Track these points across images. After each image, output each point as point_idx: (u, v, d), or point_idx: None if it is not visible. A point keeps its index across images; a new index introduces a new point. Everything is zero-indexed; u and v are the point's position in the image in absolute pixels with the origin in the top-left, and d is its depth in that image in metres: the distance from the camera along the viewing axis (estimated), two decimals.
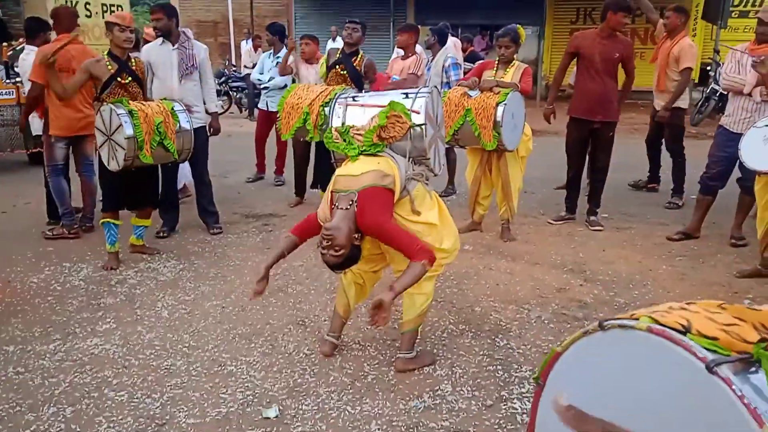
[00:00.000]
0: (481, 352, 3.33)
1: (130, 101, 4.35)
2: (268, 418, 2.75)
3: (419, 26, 7.26)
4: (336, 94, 4.74)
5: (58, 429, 2.69)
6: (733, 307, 1.29)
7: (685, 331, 1.13)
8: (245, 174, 7.57)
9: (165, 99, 4.67)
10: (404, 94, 3.27)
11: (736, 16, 13.64)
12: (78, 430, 2.68)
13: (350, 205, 2.75)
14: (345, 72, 5.53)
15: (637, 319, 1.15)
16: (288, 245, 3.00)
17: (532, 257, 4.74)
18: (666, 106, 5.94)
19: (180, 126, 4.56)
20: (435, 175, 3.34)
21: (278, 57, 7.06)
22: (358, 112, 3.29)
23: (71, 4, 11.54)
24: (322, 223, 2.86)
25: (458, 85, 5.07)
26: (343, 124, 3.24)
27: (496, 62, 5.03)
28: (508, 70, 4.93)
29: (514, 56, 4.97)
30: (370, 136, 2.99)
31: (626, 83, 5.32)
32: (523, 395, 2.92)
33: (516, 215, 5.28)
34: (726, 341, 1.13)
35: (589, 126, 5.26)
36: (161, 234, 5.27)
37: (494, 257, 4.75)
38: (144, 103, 4.45)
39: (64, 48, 4.93)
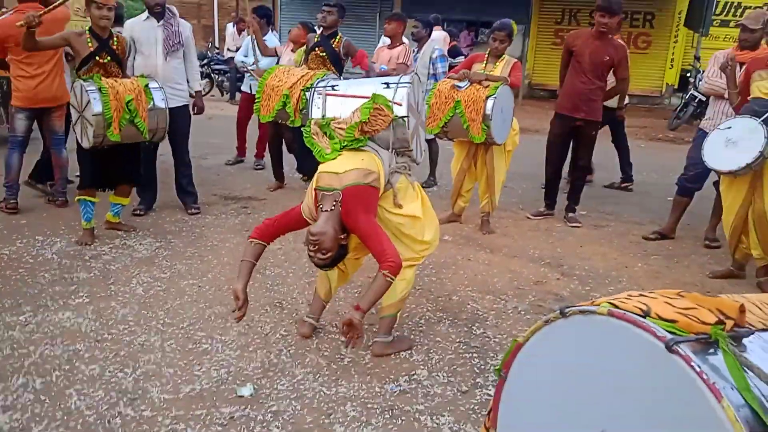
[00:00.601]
0: (458, 340, 3.34)
1: (103, 78, 4.24)
2: (243, 396, 2.73)
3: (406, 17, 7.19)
4: (317, 79, 4.71)
5: (27, 400, 2.64)
6: (690, 294, 1.32)
7: (645, 315, 1.15)
8: (225, 157, 7.49)
9: (142, 76, 4.56)
10: (385, 84, 3.20)
11: (717, 24, 13.84)
12: (47, 401, 2.63)
13: (334, 205, 2.73)
14: (324, 54, 5.49)
15: (597, 305, 1.17)
16: (256, 253, 2.88)
17: (511, 250, 4.78)
18: (619, 105, 5.93)
19: (154, 104, 4.41)
20: (416, 164, 3.32)
21: (264, 41, 6.97)
22: (337, 102, 3.23)
23: None
24: (307, 220, 2.85)
25: (448, 78, 5.06)
26: (323, 116, 3.19)
27: (486, 55, 5.04)
28: (497, 64, 4.96)
29: (503, 50, 4.99)
30: (352, 132, 2.94)
31: (614, 87, 5.35)
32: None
33: (496, 209, 5.31)
34: (684, 324, 1.15)
35: (572, 123, 5.29)
36: (138, 212, 5.19)
37: (473, 248, 4.77)
38: (116, 80, 4.32)
39: (17, 20, 4.82)
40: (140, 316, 3.43)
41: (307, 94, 4.62)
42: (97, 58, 4.28)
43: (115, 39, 4.40)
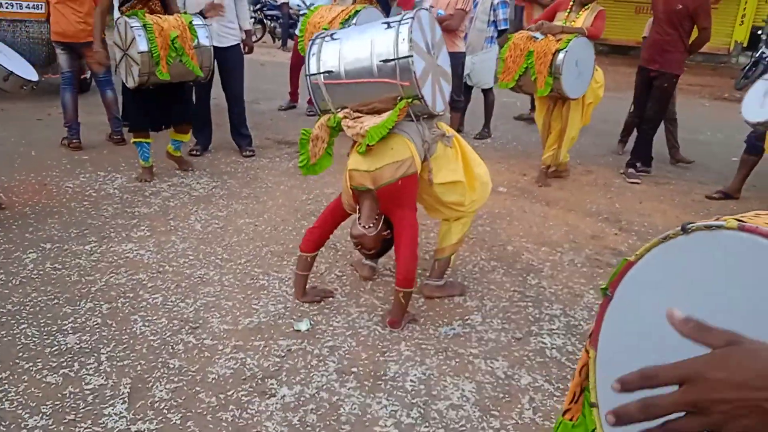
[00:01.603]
0: (512, 289, 3.31)
1: (147, 14, 4.15)
2: (300, 330, 2.78)
3: None
4: (356, 11, 4.64)
5: (95, 323, 2.74)
6: None
7: None
8: (277, 102, 7.51)
9: (185, 13, 4.45)
10: (386, 24, 2.73)
11: None
12: (114, 325, 2.74)
13: (372, 207, 2.76)
14: None
15: (724, 220, 1.09)
16: (308, 265, 3.01)
17: (567, 204, 4.68)
18: None
19: (198, 41, 4.26)
20: (439, 114, 2.88)
21: None
22: (337, 88, 2.77)
23: None
24: (349, 212, 2.92)
25: (527, 29, 4.89)
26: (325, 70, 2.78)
27: (571, 3, 4.83)
28: (581, 13, 4.76)
29: None
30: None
31: (695, 39, 5.07)
32: (553, 331, 2.92)
33: (560, 163, 5.16)
34: None
35: (648, 74, 5.18)
36: (194, 152, 5.27)
37: (528, 201, 4.69)
38: (160, 16, 4.21)
39: None
40: (199, 251, 3.51)
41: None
42: None
43: None
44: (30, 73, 4.08)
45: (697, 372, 0.64)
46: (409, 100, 2.66)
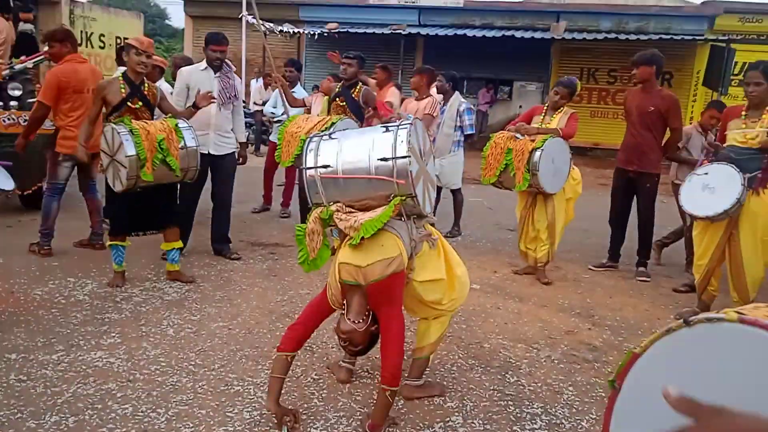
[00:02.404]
0: (492, 387, 3.28)
1: (133, 120, 4.28)
2: None
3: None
4: (332, 123, 4.84)
5: None
6: None
7: None
8: (250, 205, 7.58)
9: (169, 117, 4.59)
10: (384, 128, 2.89)
11: (736, 84, 13.99)
12: None
13: (361, 302, 2.75)
14: (344, 104, 5.67)
15: (724, 313, 1.14)
16: (285, 368, 2.86)
17: (540, 299, 4.73)
18: None
19: (185, 143, 4.40)
20: (425, 216, 3.00)
21: (293, 92, 7.17)
22: (333, 183, 2.85)
23: (86, 35, 11.75)
24: (335, 307, 2.87)
25: (507, 130, 5.19)
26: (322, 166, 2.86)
27: (545, 108, 5.22)
28: (555, 116, 5.11)
29: (562, 104, 5.13)
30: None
31: (668, 140, 5.40)
32: (535, 431, 2.87)
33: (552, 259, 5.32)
34: None
35: (627, 174, 5.44)
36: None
37: (501, 297, 4.73)
38: (146, 121, 4.36)
39: (74, 69, 5.00)
40: (171, 357, 3.42)
41: None
42: (129, 103, 4.37)
43: (146, 84, 4.51)
44: (5, 182, 4.10)
45: None
46: (402, 198, 2.75)
